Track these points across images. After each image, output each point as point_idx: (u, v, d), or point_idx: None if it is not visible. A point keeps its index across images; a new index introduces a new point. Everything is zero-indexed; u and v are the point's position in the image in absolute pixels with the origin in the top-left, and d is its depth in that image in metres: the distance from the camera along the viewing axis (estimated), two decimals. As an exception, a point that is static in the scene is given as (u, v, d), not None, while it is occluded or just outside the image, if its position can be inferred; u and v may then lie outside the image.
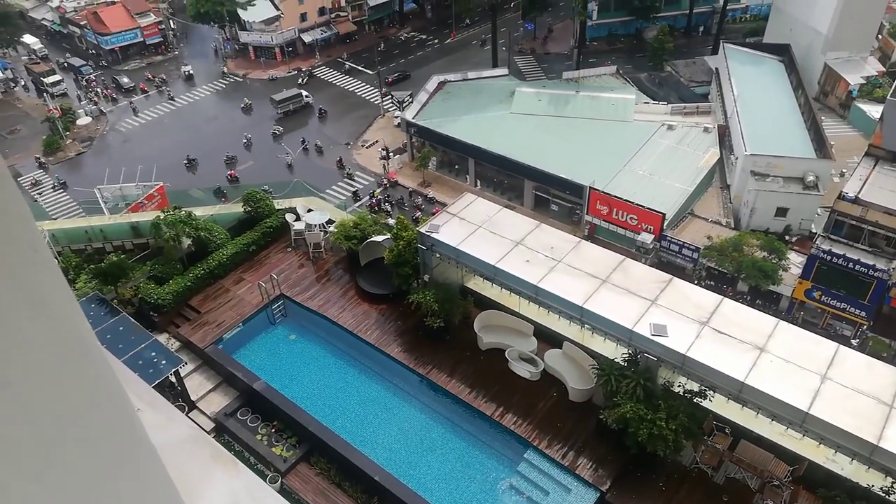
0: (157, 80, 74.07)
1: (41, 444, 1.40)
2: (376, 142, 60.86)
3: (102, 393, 1.52)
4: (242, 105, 67.95)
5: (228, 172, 56.84)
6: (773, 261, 40.34)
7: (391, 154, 58.96)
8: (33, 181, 57.95)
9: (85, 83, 73.78)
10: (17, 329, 1.25)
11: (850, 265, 37.30)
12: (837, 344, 21.58)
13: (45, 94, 71.51)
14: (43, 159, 61.11)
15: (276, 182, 52.09)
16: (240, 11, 75.01)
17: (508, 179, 52.81)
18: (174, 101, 70.83)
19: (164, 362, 26.09)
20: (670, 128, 52.57)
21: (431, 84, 60.65)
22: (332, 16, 79.47)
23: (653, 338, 21.86)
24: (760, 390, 20.21)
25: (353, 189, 55.01)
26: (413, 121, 56.01)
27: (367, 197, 53.99)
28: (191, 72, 73.20)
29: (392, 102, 64.91)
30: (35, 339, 1.30)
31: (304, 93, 67.18)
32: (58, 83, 72.73)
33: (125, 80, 73.44)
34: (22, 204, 1.34)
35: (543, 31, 79.34)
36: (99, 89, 72.88)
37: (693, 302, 23.06)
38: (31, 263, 1.29)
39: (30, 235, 1.31)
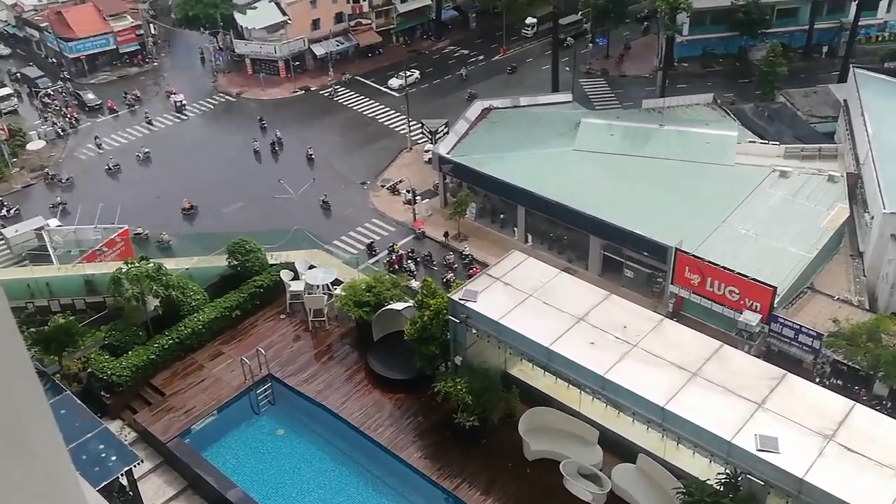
0: (130, 97, 76.96)
1: None
2: (400, 181, 61.84)
3: None
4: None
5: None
6: (924, 355, 39.18)
7: (418, 198, 59.73)
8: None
9: (42, 99, 77.01)
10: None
11: None
12: None
13: (-10, 112, 74.73)
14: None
15: (270, 230, 53.12)
16: (237, 16, 78.18)
17: (569, 235, 52.86)
18: (151, 124, 73.50)
19: (114, 458, 26.13)
20: (783, 175, 52.37)
21: (473, 111, 61.80)
22: (352, 24, 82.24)
23: (759, 454, 21.24)
24: (908, 533, 19.29)
25: (367, 241, 55.71)
26: (448, 156, 56.89)
27: (386, 251, 54.50)
28: (183, 102, 75.40)
29: (422, 133, 66.25)
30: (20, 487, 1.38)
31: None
32: (7, 98, 76.10)
33: (90, 96, 76.55)
34: (21, 348, 1.44)
35: (619, 48, 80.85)
36: (58, 106, 75.92)
37: (814, 407, 22.43)
38: (25, 413, 1.40)
39: (27, 383, 1.40)
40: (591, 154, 55.65)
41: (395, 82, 76.01)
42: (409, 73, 73.84)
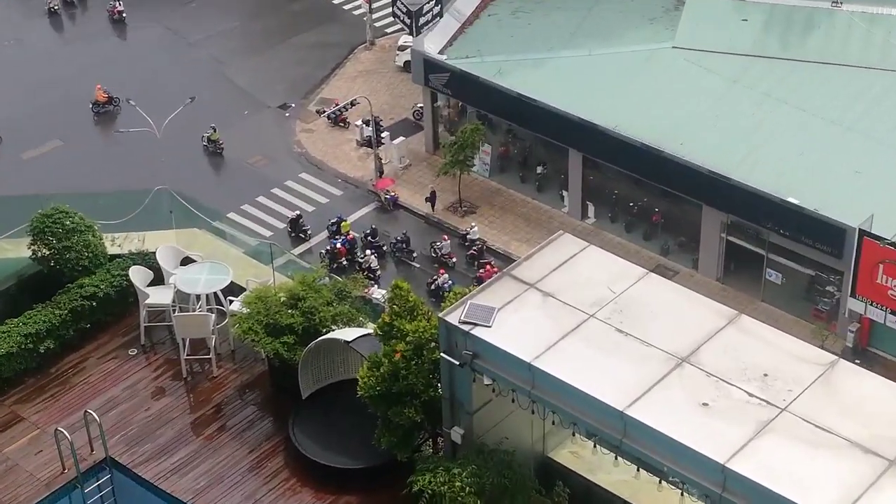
0: None
1: None
2: (352, 104, 61.57)
3: None
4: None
5: None
6: None
7: (385, 135, 59.40)
8: None
9: None
10: None
11: None
12: None
13: None
14: None
15: (110, 192, 52.74)
16: None
17: (664, 205, 52.80)
18: None
19: None
20: None
21: (487, -25, 61.60)
22: None
23: None
24: None
25: (291, 214, 55.41)
26: (442, 59, 56.62)
27: (325, 233, 54.24)
28: None
29: (395, 16, 65.92)
30: None
31: None
32: None
33: None
34: None
35: None
36: None
37: None
38: None
39: None
40: (706, 56, 55.38)
41: None
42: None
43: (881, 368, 36.98)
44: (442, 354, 27.73)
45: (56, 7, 71.07)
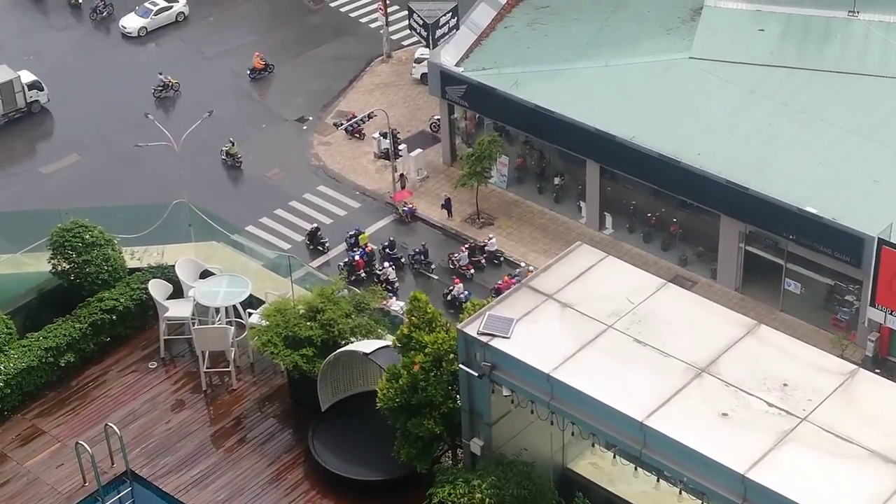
0: None
1: None
2: (369, 117, 61.52)
3: None
4: None
5: None
6: None
7: (402, 147, 59.29)
8: None
9: None
10: None
11: None
12: None
13: None
14: None
15: (129, 206, 52.68)
16: None
17: (682, 216, 52.61)
18: None
19: None
20: None
21: (503, -14, 61.50)
22: None
23: None
24: None
25: (309, 227, 55.33)
26: (459, 71, 56.57)
27: (344, 246, 54.18)
28: None
29: (411, 28, 65.84)
30: None
31: None
32: None
33: None
34: None
35: None
36: None
37: None
38: None
39: None
40: (723, 66, 55.08)
41: (132, 22, 72.07)
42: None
43: (901, 377, 36.71)
44: (461, 366, 27.67)
45: None
